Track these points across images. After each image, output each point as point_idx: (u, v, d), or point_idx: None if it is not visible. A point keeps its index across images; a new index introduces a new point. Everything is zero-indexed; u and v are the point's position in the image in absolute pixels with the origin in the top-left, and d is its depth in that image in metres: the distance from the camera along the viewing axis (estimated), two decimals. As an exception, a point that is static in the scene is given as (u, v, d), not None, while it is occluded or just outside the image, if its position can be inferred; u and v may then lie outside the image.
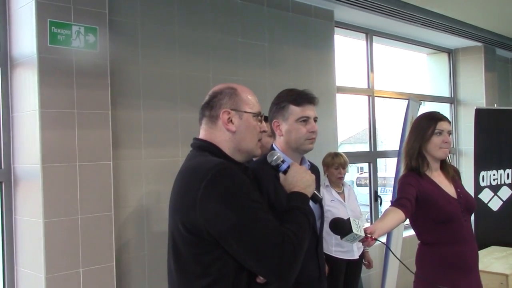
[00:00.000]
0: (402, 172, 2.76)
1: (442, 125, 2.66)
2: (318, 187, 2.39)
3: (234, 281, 1.63)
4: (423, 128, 2.69)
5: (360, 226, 2.03)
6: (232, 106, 1.76)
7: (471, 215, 2.71)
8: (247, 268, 1.63)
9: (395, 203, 2.50)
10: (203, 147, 1.77)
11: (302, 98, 2.18)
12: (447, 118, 2.73)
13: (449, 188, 2.68)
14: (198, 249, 1.64)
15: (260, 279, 1.66)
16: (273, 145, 2.28)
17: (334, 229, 2.02)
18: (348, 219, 2.01)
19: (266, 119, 2.10)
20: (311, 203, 1.94)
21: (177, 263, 1.71)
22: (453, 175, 2.76)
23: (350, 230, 1.98)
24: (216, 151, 1.75)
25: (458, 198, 2.66)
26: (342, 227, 2.00)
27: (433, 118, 2.70)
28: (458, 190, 2.71)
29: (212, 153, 1.74)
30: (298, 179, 1.84)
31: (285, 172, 1.89)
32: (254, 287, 1.66)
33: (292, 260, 1.58)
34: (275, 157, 1.93)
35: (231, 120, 1.76)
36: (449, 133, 2.69)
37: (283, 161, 1.93)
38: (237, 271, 1.63)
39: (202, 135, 1.82)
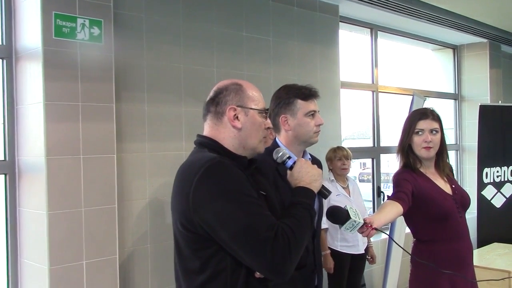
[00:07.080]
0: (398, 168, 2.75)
1: (421, 125, 2.63)
2: None
3: (232, 277, 1.63)
4: (407, 127, 2.69)
5: (358, 213, 2.02)
6: (238, 103, 1.75)
7: (466, 211, 2.70)
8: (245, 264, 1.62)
9: (392, 196, 2.50)
10: (204, 144, 1.77)
11: (308, 92, 2.26)
12: (432, 116, 2.65)
13: (444, 185, 2.67)
14: (196, 245, 1.65)
15: (258, 274, 1.65)
16: (276, 139, 2.28)
17: (331, 217, 2.01)
18: (345, 207, 2.00)
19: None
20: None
21: (179, 260, 1.73)
22: (447, 172, 2.75)
23: (348, 217, 1.96)
24: (217, 147, 1.74)
25: (454, 194, 2.66)
26: (339, 214, 1.98)
27: (415, 116, 2.68)
28: (453, 186, 2.70)
29: (212, 149, 1.73)
30: (303, 174, 1.82)
31: (291, 168, 1.89)
32: (252, 282, 1.65)
33: (286, 255, 1.54)
34: (281, 153, 1.94)
35: (237, 117, 1.75)
36: (433, 131, 2.62)
37: (289, 158, 1.93)
38: (235, 267, 1.62)
39: (206, 131, 1.81)
